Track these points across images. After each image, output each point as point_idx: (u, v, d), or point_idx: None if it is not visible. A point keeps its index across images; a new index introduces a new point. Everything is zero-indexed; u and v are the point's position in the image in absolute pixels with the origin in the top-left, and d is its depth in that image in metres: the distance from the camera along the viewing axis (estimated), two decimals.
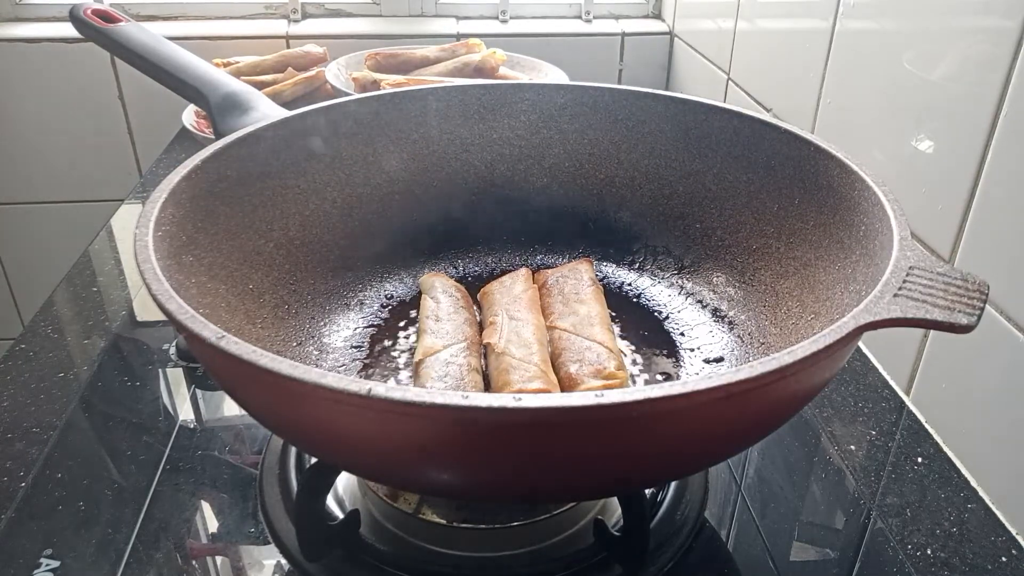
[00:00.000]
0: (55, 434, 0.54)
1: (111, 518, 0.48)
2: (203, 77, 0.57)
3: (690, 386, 0.29)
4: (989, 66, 0.53)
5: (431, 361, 0.48)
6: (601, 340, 0.50)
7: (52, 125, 1.18)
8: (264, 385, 0.32)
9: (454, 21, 1.26)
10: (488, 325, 0.52)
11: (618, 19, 1.29)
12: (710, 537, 0.49)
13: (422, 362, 0.48)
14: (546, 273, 0.58)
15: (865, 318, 0.33)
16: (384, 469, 0.36)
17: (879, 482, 0.53)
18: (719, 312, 0.56)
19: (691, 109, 0.58)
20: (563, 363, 0.49)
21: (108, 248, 0.81)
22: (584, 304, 0.53)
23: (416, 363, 0.49)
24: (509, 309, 0.52)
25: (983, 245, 0.55)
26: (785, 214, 0.52)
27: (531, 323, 0.51)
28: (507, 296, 0.54)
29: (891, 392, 0.62)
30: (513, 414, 0.28)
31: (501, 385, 0.47)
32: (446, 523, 0.46)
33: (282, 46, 1.18)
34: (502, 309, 0.53)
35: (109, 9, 0.61)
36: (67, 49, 1.14)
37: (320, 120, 0.56)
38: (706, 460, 0.41)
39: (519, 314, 0.52)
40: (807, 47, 0.78)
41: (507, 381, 0.46)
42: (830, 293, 0.46)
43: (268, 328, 0.50)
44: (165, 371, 0.62)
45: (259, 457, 0.53)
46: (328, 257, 0.57)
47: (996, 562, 0.47)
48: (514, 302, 0.53)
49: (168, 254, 0.41)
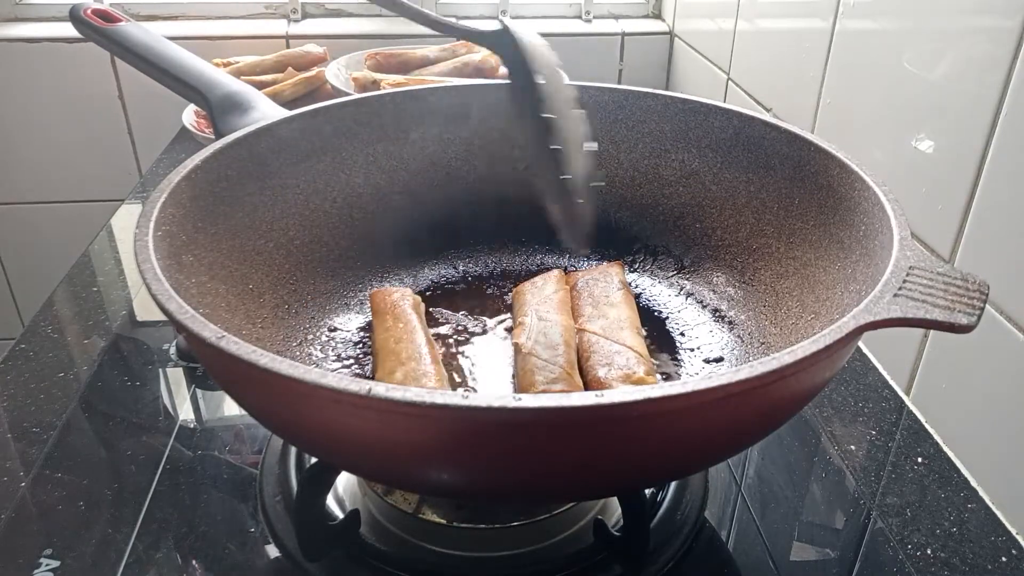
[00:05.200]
0: (55, 434, 0.54)
1: (111, 518, 0.48)
2: (203, 77, 0.57)
3: (690, 386, 0.29)
4: (989, 66, 0.53)
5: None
6: (631, 344, 0.50)
7: (52, 125, 1.18)
8: (264, 385, 0.32)
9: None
10: (517, 325, 0.52)
11: (618, 19, 1.28)
12: (710, 537, 0.49)
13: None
14: (576, 275, 0.57)
15: (865, 318, 0.33)
16: (384, 469, 0.36)
17: (879, 482, 0.53)
18: (719, 312, 0.56)
19: (691, 109, 0.58)
20: (591, 366, 0.49)
21: (108, 248, 0.81)
22: (614, 308, 0.53)
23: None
24: (539, 310, 0.53)
25: (983, 245, 0.55)
26: (785, 214, 0.52)
27: (560, 324, 0.51)
28: (538, 296, 0.54)
29: (891, 392, 0.62)
30: (513, 414, 0.28)
31: (526, 386, 0.47)
32: (446, 523, 0.46)
33: (282, 46, 1.18)
34: (532, 310, 0.53)
35: (109, 9, 0.61)
36: (67, 49, 1.13)
37: (320, 120, 0.56)
38: (706, 460, 0.41)
39: (548, 315, 0.52)
40: (807, 47, 0.78)
41: (532, 382, 0.47)
42: (830, 293, 0.46)
43: (268, 328, 0.50)
44: (165, 371, 0.62)
45: (259, 457, 0.53)
46: (328, 257, 0.57)
47: (996, 562, 0.47)
48: (544, 303, 0.53)
49: (168, 254, 0.41)
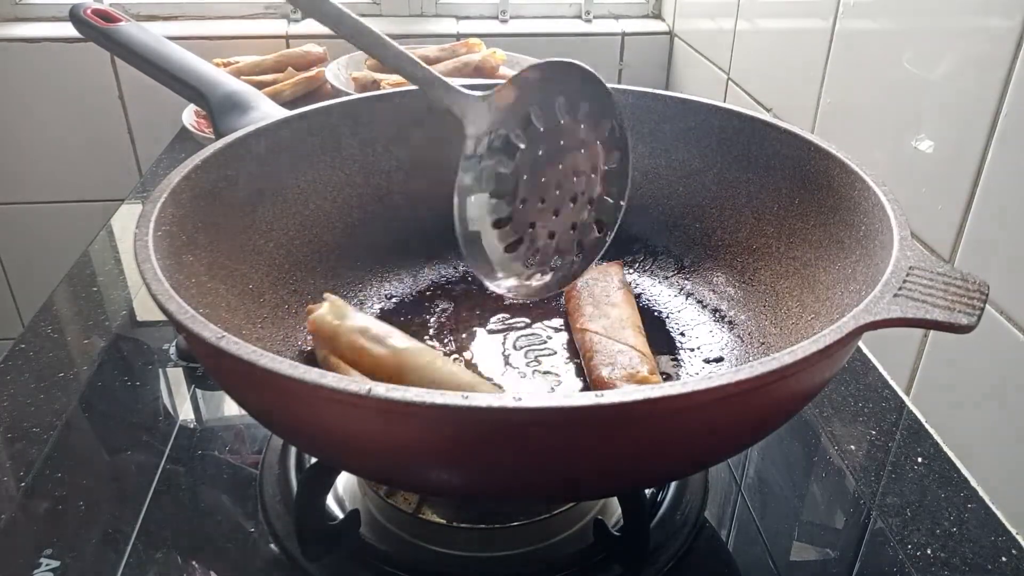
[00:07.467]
0: (55, 434, 0.54)
1: (111, 518, 0.48)
2: (203, 77, 0.57)
3: (690, 386, 0.29)
4: (989, 66, 0.53)
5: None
6: (633, 344, 0.50)
7: (52, 125, 1.18)
8: (264, 385, 0.32)
9: (454, 21, 1.26)
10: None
11: (618, 19, 1.28)
12: (710, 537, 0.49)
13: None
14: None
15: (865, 318, 0.33)
16: (384, 469, 0.36)
17: (879, 482, 0.53)
18: (719, 312, 0.56)
19: (691, 109, 0.58)
20: (595, 366, 0.49)
21: (108, 248, 0.81)
22: (615, 307, 0.53)
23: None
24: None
25: (983, 245, 0.55)
26: (785, 214, 0.52)
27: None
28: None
29: (891, 392, 0.62)
30: (513, 414, 0.28)
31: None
32: (446, 523, 0.46)
33: (282, 46, 1.18)
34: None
35: (109, 9, 0.61)
36: (67, 49, 1.13)
37: (320, 120, 0.56)
38: (706, 460, 0.41)
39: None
40: (807, 47, 0.78)
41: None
42: (830, 293, 0.46)
43: (268, 328, 0.50)
44: (165, 371, 0.62)
45: (259, 457, 0.53)
46: (328, 257, 0.57)
47: (996, 562, 0.47)
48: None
49: (168, 254, 0.41)
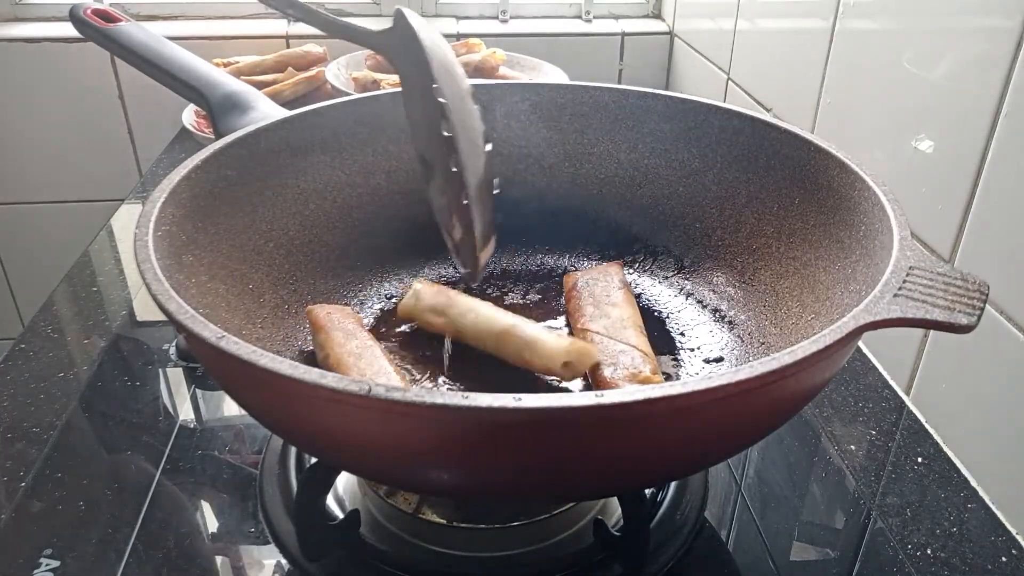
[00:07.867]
0: (55, 434, 0.54)
1: (111, 518, 0.48)
2: (203, 77, 0.57)
3: (690, 386, 0.29)
4: (989, 66, 0.53)
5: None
6: (635, 343, 0.50)
7: (52, 125, 1.18)
8: (264, 385, 0.32)
9: (454, 21, 1.26)
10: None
11: (618, 19, 1.28)
12: (710, 537, 0.49)
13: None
14: (576, 275, 0.57)
15: (865, 318, 0.33)
16: (384, 469, 0.36)
17: (879, 482, 0.53)
18: (719, 312, 0.56)
19: (691, 109, 0.58)
20: (597, 366, 0.49)
21: (108, 248, 0.81)
22: (616, 307, 0.53)
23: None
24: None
25: (983, 245, 0.55)
26: (785, 214, 0.52)
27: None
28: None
29: (891, 392, 0.62)
30: (513, 414, 0.28)
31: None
32: (446, 523, 0.46)
33: (282, 46, 1.18)
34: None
35: (109, 9, 0.61)
36: (67, 49, 1.13)
37: (320, 120, 0.56)
38: (706, 460, 0.41)
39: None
40: (807, 47, 0.78)
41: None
42: (830, 293, 0.46)
43: (268, 328, 0.50)
44: (165, 371, 0.62)
45: (259, 457, 0.53)
46: (328, 257, 0.57)
47: (996, 562, 0.47)
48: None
49: (168, 254, 0.41)
